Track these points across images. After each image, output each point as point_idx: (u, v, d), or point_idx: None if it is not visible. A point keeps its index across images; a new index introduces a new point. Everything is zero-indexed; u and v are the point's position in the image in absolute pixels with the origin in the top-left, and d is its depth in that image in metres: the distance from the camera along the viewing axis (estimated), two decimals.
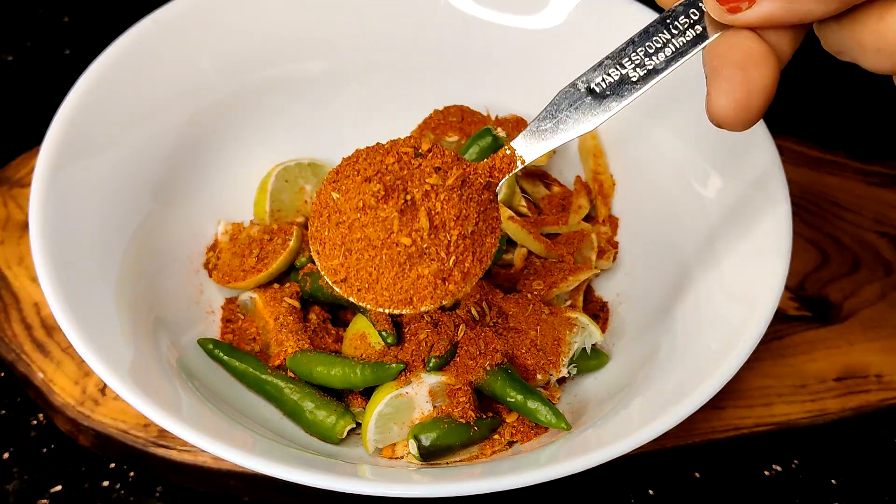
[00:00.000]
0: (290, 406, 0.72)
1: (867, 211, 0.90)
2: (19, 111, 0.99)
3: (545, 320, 0.73)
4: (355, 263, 0.59)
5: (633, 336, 0.77)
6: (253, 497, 0.73)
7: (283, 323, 0.74)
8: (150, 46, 0.79)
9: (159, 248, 0.77)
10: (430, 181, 0.58)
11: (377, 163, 0.59)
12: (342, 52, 0.86)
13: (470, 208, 0.59)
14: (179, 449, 0.71)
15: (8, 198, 0.85)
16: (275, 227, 0.79)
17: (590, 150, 0.85)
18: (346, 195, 0.59)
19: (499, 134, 0.82)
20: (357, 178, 0.59)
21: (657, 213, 0.81)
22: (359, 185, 0.59)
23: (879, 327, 0.82)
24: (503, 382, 0.70)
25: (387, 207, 0.58)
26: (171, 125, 0.80)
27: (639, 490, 0.74)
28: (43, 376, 0.74)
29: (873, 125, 1.03)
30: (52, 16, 1.09)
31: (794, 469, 0.76)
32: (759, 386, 0.77)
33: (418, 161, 0.60)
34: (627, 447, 0.61)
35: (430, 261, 0.58)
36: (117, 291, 0.70)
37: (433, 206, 0.58)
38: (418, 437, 0.68)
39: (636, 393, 0.70)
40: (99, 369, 0.62)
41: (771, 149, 0.75)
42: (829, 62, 1.11)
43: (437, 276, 0.59)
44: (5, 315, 0.78)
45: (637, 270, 0.81)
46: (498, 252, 0.76)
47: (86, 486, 0.73)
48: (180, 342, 0.74)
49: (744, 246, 0.72)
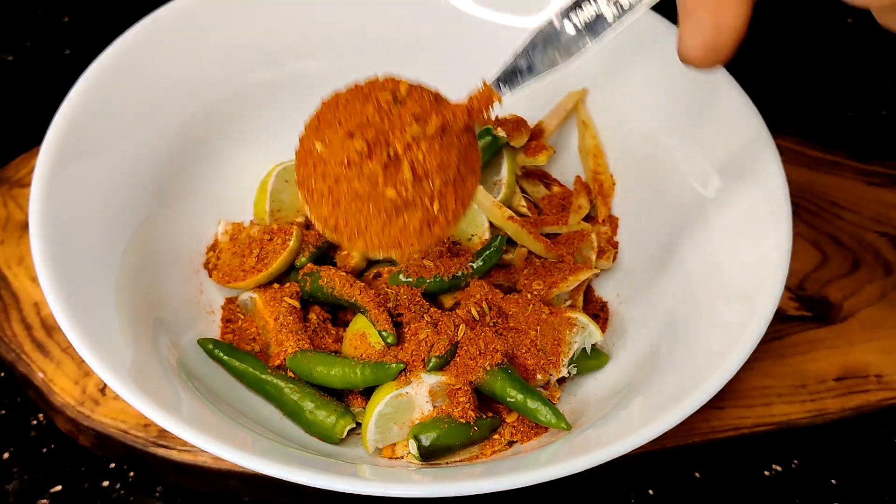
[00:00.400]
0: (290, 406, 0.72)
1: (867, 211, 0.90)
2: (19, 111, 0.99)
3: (545, 320, 0.73)
4: (344, 213, 0.62)
5: (633, 336, 0.77)
6: (253, 497, 0.73)
7: (283, 323, 0.74)
8: (150, 46, 0.79)
9: (159, 248, 0.77)
10: (411, 132, 0.60)
11: (357, 113, 0.61)
12: (342, 52, 0.86)
13: (451, 155, 0.61)
14: (179, 449, 0.71)
15: (8, 198, 0.85)
16: (275, 227, 0.79)
17: (590, 150, 0.85)
18: (329, 147, 0.61)
19: (499, 134, 0.82)
20: (339, 130, 0.61)
21: (657, 213, 0.81)
22: (342, 139, 0.60)
23: (879, 327, 0.82)
24: (503, 382, 0.70)
25: (371, 164, 0.60)
26: (171, 125, 0.80)
27: (639, 490, 0.74)
28: (43, 376, 0.74)
29: (873, 125, 1.03)
30: (52, 16, 1.09)
31: (794, 469, 0.76)
32: (759, 386, 0.77)
33: (398, 109, 0.61)
34: (627, 447, 0.61)
35: (415, 209, 0.61)
36: (117, 291, 0.70)
37: (415, 157, 0.60)
38: (418, 437, 0.68)
39: (636, 393, 0.70)
40: (99, 369, 0.62)
41: (771, 149, 0.75)
42: (830, 62, 1.12)
43: (423, 222, 0.61)
44: (5, 315, 0.78)
45: (637, 270, 0.81)
46: (498, 252, 0.76)
47: (86, 486, 0.73)
48: (180, 342, 0.74)
49: (744, 246, 0.72)
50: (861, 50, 1.11)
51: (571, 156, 0.87)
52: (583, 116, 0.85)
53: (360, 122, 0.60)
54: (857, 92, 1.06)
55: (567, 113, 0.86)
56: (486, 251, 0.76)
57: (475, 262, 0.76)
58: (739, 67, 0.85)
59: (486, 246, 0.77)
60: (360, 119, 0.61)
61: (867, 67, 1.09)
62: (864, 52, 1.10)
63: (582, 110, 0.85)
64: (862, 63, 1.09)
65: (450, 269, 0.75)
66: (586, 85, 0.85)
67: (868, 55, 1.10)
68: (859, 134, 1.02)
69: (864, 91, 1.06)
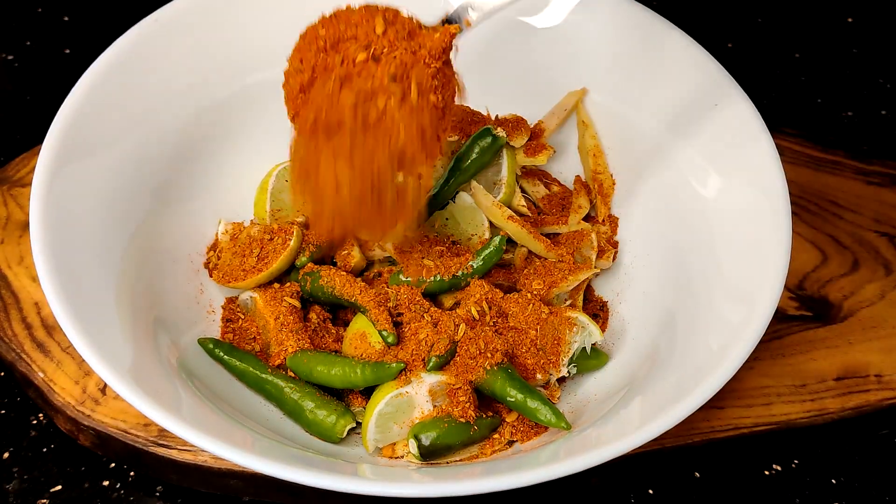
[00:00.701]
0: (291, 405, 0.72)
1: (867, 211, 0.90)
2: (19, 111, 0.99)
3: (545, 320, 0.73)
4: (340, 219, 0.66)
5: (633, 336, 0.77)
6: (253, 497, 0.73)
7: (283, 322, 0.74)
8: (150, 46, 0.79)
9: (159, 247, 0.77)
10: (391, 105, 0.62)
11: (338, 106, 0.63)
12: None
13: (433, 116, 0.64)
14: (179, 448, 0.71)
15: (8, 197, 0.85)
16: (275, 227, 0.79)
17: (590, 150, 0.85)
18: (316, 167, 0.65)
19: (499, 134, 0.82)
20: (319, 135, 0.64)
21: (657, 213, 0.81)
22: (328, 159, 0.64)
23: (879, 327, 0.82)
24: (503, 382, 0.70)
25: (359, 184, 0.64)
26: (172, 125, 0.80)
27: (639, 490, 0.74)
28: (43, 376, 0.74)
29: (873, 125, 1.03)
30: (52, 16, 1.09)
31: (794, 469, 0.76)
32: (759, 385, 0.77)
33: (375, 69, 0.63)
34: (627, 447, 0.61)
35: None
36: (118, 291, 0.70)
37: (397, 144, 0.63)
38: (418, 437, 0.68)
39: (636, 393, 0.70)
40: (99, 369, 0.62)
41: (771, 149, 0.75)
42: (830, 62, 1.12)
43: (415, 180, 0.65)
44: (5, 315, 0.78)
45: (637, 270, 0.81)
46: (498, 252, 0.76)
47: (86, 486, 0.73)
48: (181, 342, 0.74)
49: (743, 246, 0.72)
50: (861, 50, 1.11)
51: (571, 156, 0.87)
52: (583, 116, 0.85)
53: (339, 119, 0.63)
54: (857, 92, 1.06)
55: (567, 113, 0.86)
56: (486, 251, 0.76)
57: (475, 261, 0.76)
58: (739, 67, 0.86)
59: (486, 246, 0.77)
60: (341, 112, 0.63)
61: (867, 67, 1.09)
62: (864, 52, 1.10)
63: (582, 110, 0.85)
64: (862, 63, 1.09)
65: (450, 269, 0.75)
66: (586, 85, 0.85)
67: (868, 55, 1.10)
68: (859, 134, 1.02)
69: (864, 91, 1.06)
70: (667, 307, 0.76)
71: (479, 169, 0.82)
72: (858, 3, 1.15)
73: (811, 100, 1.05)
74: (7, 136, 0.95)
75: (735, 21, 1.14)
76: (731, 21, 1.14)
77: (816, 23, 1.14)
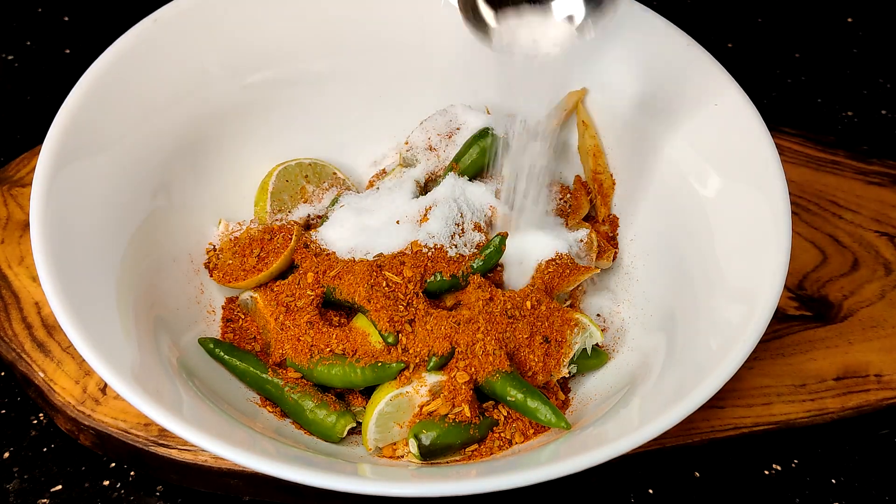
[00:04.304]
0: (291, 405, 0.72)
1: (867, 211, 0.90)
2: (19, 111, 0.99)
3: (546, 320, 0.73)
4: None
5: (633, 336, 0.77)
6: (253, 496, 0.73)
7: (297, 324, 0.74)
8: (150, 46, 0.79)
9: (160, 247, 0.77)
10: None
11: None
12: (342, 52, 0.86)
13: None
14: (180, 448, 0.71)
15: (8, 197, 0.85)
16: (275, 227, 0.79)
17: (590, 149, 0.85)
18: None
19: (499, 134, 0.82)
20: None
21: (657, 213, 0.81)
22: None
23: (879, 327, 0.82)
24: (503, 382, 0.70)
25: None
26: (172, 125, 0.80)
27: (639, 489, 0.74)
28: (43, 376, 0.74)
29: (873, 125, 1.03)
30: (52, 16, 1.09)
31: (794, 469, 0.76)
32: (759, 385, 0.77)
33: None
34: (627, 446, 0.61)
35: None
36: (118, 291, 0.70)
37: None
38: (418, 436, 0.68)
39: (636, 393, 0.70)
40: (99, 369, 0.62)
41: (771, 149, 0.75)
42: (829, 62, 1.12)
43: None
44: (6, 314, 0.78)
45: (637, 270, 0.81)
46: (498, 252, 0.76)
47: (86, 486, 0.73)
48: (181, 341, 0.74)
49: (743, 245, 0.72)
50: (861, 50, 1.11)
51: (571, 156, 0.87)
52: (583, 116, 0.85)
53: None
54: (857, 92, 1.06)
55: (567, 113, 0.86)
56: (486, 251, 0.76)
57: (475, 261, 0.76)
58: (739, 67, 0.86)
59: (486, 245, 0.77)
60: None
61: (867, 67, 1.09)
62: (864, 52, 1.10)
63: (582, 110, 0.86)
64: (862, 63, 1.10)
65: (450, 269, 0.75)
66: (586, 85, 0.85)
67: (868, 55, 1.10)
68: (859, 134, 1.02)
69: (864, 91, 1.06)
70: (667, 307, 0.76)
71: (479, 170, 0.82)
72: (858, 3, 1.15)
73: (811, 100, 1.05)
74: (7, 136, 0.96)
75: (735, 21, 1.14)
76: (731, 21, 1.14)
77: (816, 23, 1.14)
